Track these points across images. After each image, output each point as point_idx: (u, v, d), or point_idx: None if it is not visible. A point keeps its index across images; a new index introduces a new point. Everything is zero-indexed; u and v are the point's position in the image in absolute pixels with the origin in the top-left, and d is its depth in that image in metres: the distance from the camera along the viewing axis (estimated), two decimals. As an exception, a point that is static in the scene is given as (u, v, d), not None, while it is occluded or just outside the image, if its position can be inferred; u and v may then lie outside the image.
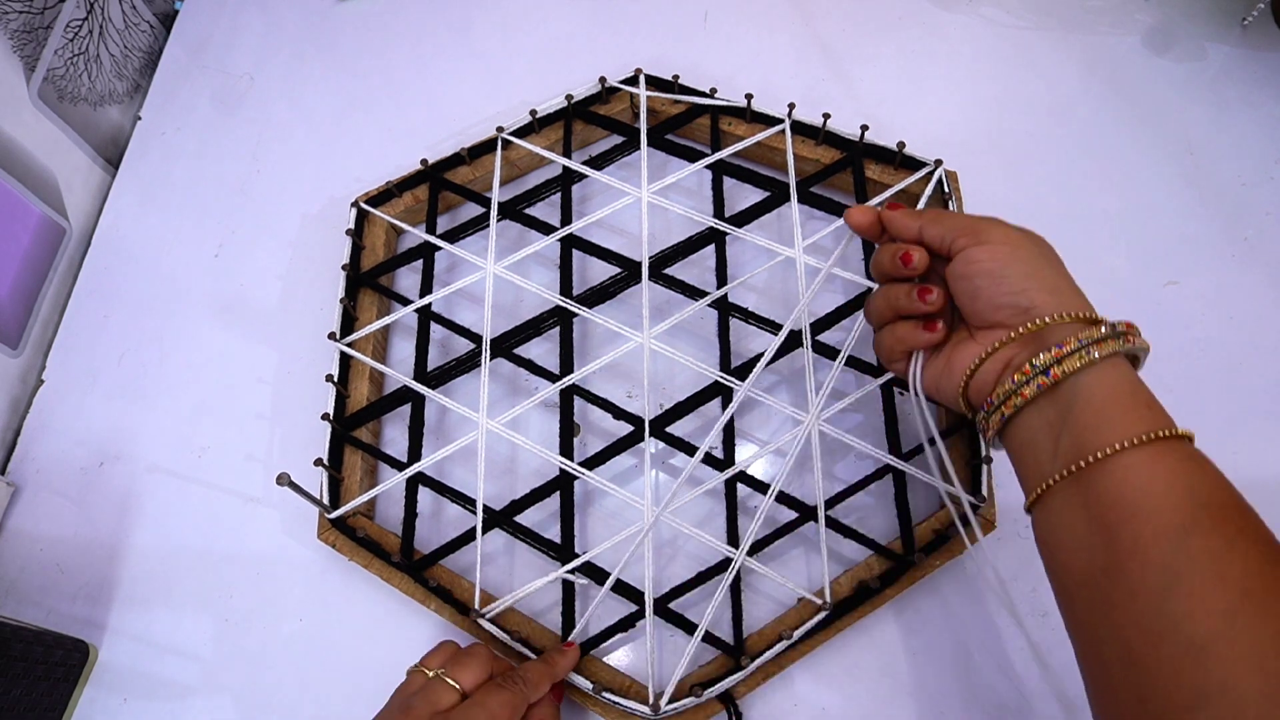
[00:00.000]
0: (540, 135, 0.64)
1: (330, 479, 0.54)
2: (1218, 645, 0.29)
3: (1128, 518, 0.33)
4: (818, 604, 0.47)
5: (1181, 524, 0.32)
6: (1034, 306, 0.38)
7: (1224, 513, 0.32)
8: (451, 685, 0.42)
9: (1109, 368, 0.36)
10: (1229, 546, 0.31)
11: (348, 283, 0.60)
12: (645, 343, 0.55)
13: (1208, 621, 0.30)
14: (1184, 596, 0.31)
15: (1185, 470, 0.33)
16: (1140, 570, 0.32)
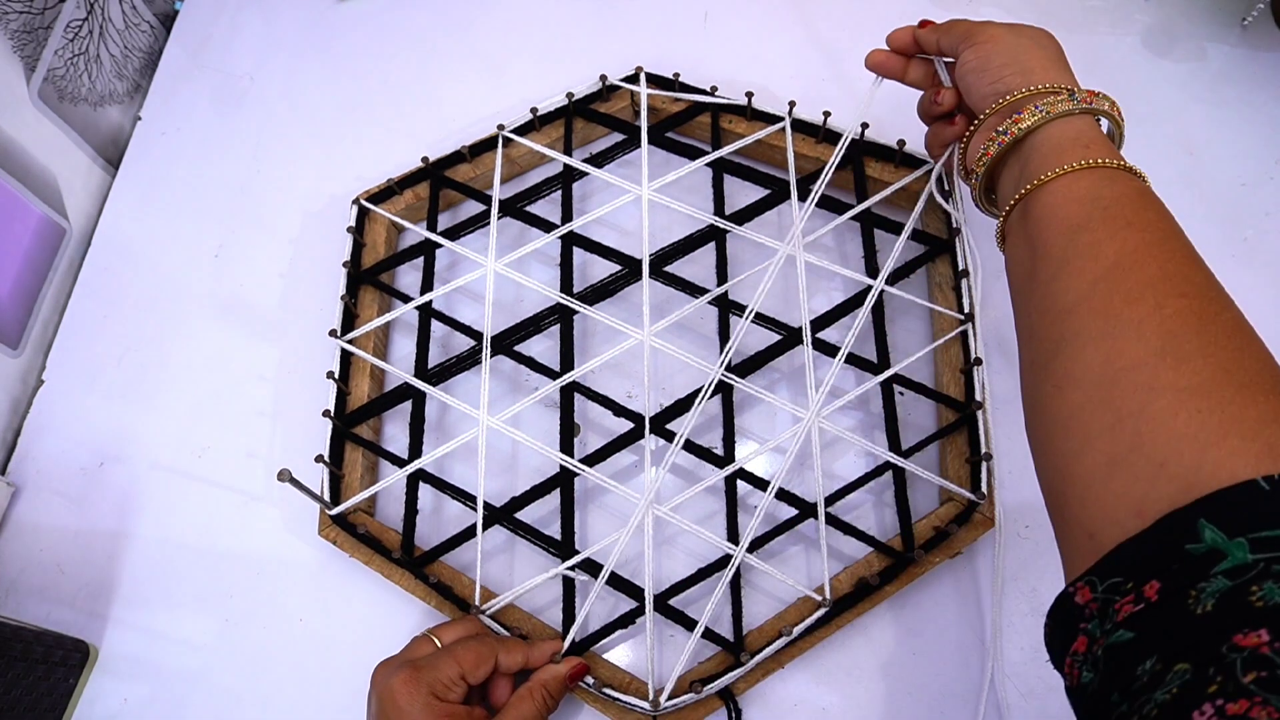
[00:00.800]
0: (541, 133, 0.64)
1: (331, 476, 0.54)
2: (1079, 306, 0.35)
3: (1043, 227, 0.39)
4: (817, 600, 0.48)
5: (1076, 223, 0.37)
6: (1009, 89, 0.44)
7: (1116, 209, 0.37)
8: (431, 639, 0.45)
9: (1067, 124, 0.42)
10: (1110, 236, 0.36)
11: (349, 280, 0.60)
12: (645, 340, 0.55)
13: (1077, 289, 0.35)
14: (1065, 276, 0.36)
15: (1100, 183, 0.39)
16: (1043, 264, 0.38)
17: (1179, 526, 0.28)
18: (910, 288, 0.57)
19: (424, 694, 0.42)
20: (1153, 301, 0.33)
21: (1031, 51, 0.46)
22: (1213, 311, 0.33)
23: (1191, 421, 0.29)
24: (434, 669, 0.42)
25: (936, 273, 0.58)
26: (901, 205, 0.59)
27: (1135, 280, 0.34)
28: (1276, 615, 0.24)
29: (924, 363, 0.56)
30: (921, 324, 0.58)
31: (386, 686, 0.42)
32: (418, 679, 0.42)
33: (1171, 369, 0.31)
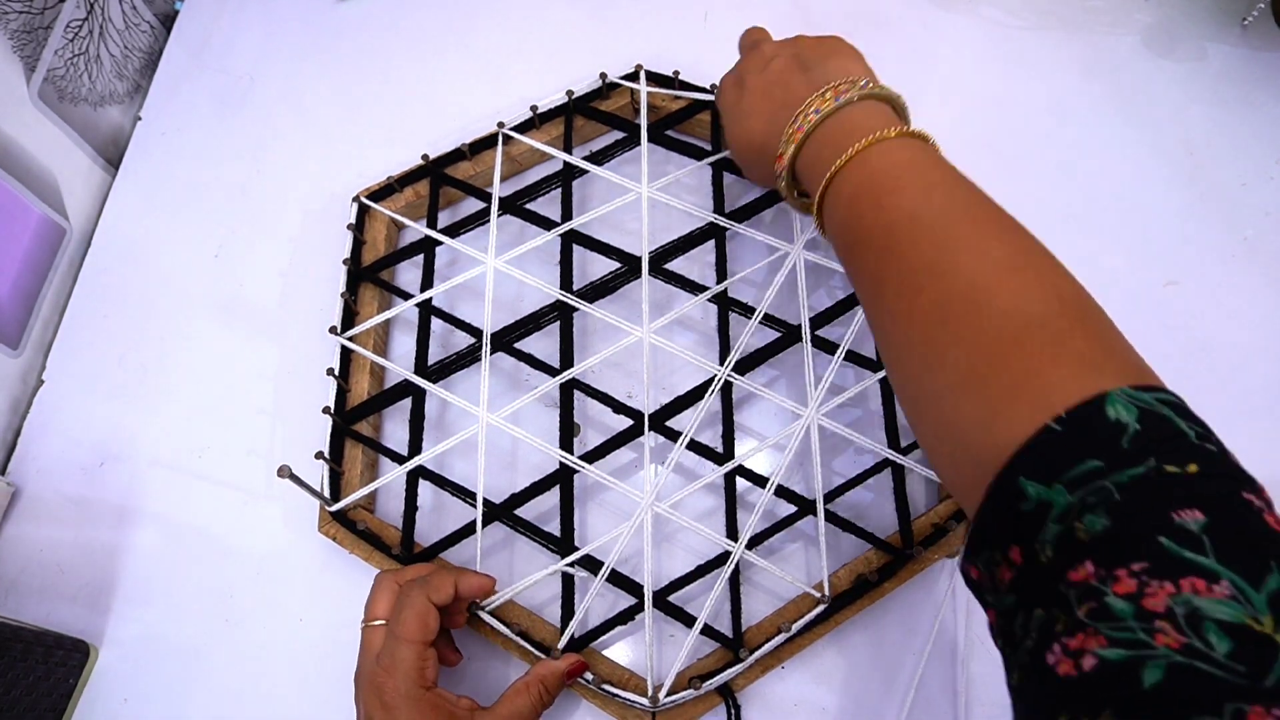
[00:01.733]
0: (541, 131, 0.64)
1: (331, 472, 0.54)
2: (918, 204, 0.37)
3: (869, 192, 0.39)
4: (816, 597, 0.48)
5: (889, 185, 0.39)
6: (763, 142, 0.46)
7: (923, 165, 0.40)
8: (375, 625, 0.46)
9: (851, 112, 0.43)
10: (924, 186, 0.38)
11: (349, 277, 0.60)
12: (645, 337, 0.55)
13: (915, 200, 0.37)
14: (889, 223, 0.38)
15: (899, 148, 0.40)
16: (872, 223, 0.38)
17: (1008, 490, 0.29)
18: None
19: (406, 688, 0.42)
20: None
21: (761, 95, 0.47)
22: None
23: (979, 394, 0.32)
24: (398, 659, 0.43)
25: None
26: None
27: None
28: (1098, 545, 0.26)
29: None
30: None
31: (374, 689, 0.43)
32: (394, 677, 0.42)
33: None
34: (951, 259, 0.35)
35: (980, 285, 0.34)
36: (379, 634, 0.45)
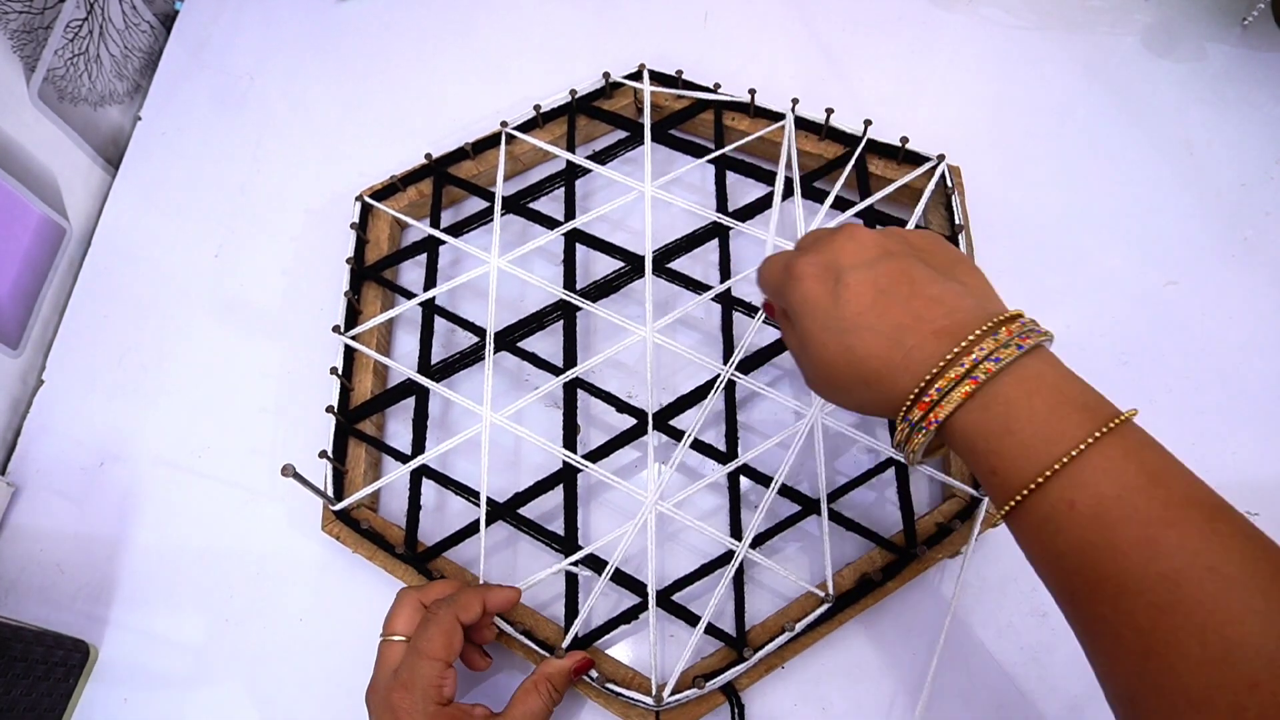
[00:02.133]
0: (544, 130, 0.64)
1: (334, 471, 0.54)
2: (1242, 642, 0.28)
3: (1106, 524, 0.31)
4: (820, 596, 0.48)
5: (1160, 520, 0.30)
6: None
7: (1193, 500, 0.31)
8: (394, 640, 0.45)
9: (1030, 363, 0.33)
10: (1214, 534, 0.30)
11: (352, 276, 0.60)
12: (649, 336, 0.55)
13: (1225, 621, 0.28)
14: (1188, 599, 0.29)
15: (1140, 459, 0.32)
16: (1139, 572, 0.30)
17: None
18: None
19: (423, 705, 0.42)
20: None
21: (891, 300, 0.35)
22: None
23: None
24: (418, 675, 0.42)
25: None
26: (904, 202, 0.60)
27: None
28: None
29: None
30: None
31: (389, 707, 0.42)
32: (411, 694, 0.42)
33: None
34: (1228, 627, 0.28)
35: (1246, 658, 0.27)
36: (397, 650, 0.44)
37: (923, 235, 0.39)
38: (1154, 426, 0.56)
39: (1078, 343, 0.57)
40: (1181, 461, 0.32)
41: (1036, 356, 0.33)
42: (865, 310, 0.35)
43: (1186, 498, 0.31)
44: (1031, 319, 0.34)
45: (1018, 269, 0.59)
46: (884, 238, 0.37)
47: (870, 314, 0.35)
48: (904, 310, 0.35)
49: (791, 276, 0.38)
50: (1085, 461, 0.31)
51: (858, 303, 0.35)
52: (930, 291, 0.35)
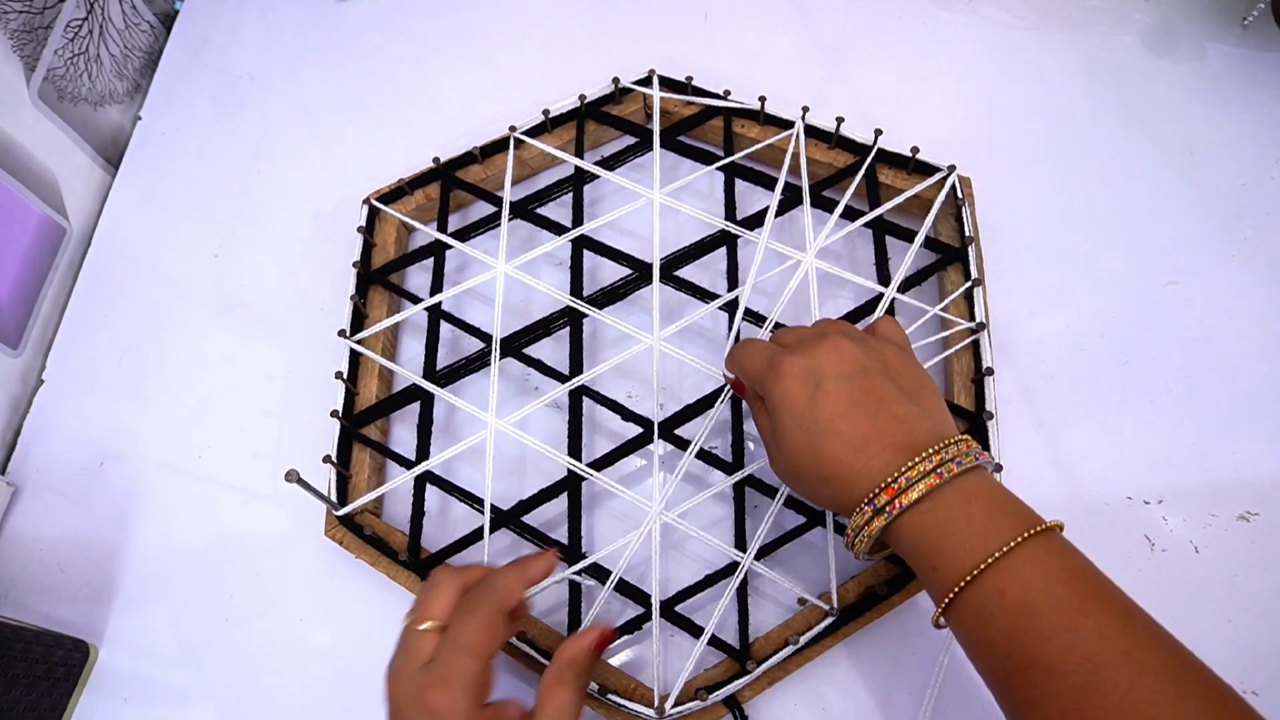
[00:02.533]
0: (552, 135, 0.64)
1: (338, 476, 0.54)
2: None
3: (1032, 611, 0.34)
4: (824, 609, 0.47)
5: (1080, 609, 0.34)
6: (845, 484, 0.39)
7: (1108, 595, 0.35)
8: (424, 629, 0.41)
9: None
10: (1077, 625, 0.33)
11: (358, 280, 0.60)
12: (655, 345, 0.55)
13: (1139, 701, 0.31)
14: (1106, 682, 0.32)
15: (1063, 559, 0.36)
16: (1063, 655, 0.33)
17: None
18: (922, 296, 0.57)
19: (465, 706, 0.38)
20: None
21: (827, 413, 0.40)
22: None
23: None
24: (459, 672, 0.38)
25: (948, 281, 0.57)
26: (914, 212, 0.59)
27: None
28: None
29: (935, 372, 0.56)
30: (933, 333, 0.58)
31: (424, 708, 0.38)
32: (450, 692, 0.38)
33: None
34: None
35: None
36: (430, 639, 0.40)
37: (897, 355, 0.43)
38: (1154, 426, 0.56)
39: (1078, 343, 0.57)
40: (1101, 571, 0.36)
41: (977, 474, 0.38)
42: (837, 418, 0.39)
43: (1103, 593, 0.35)
44: (976, 445, 0.39)
45: (1018, 269, 0.59)
46: (864, 354, 0.41)
47: (841, 422, 0.39)
48: (871, 424, 0.39)
49: (776, 373, 0.42)
50: (1015, 557, 0.35)
51: (832, 410, 0.40)
52: (895, 410, 0.40)
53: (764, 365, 0.43)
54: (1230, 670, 0.48)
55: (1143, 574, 0.50)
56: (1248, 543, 0.50)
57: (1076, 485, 0.53)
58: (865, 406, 0.39)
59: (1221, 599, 0.49)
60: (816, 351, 0.41)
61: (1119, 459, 0.53)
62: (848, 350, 0.41)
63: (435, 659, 0.39)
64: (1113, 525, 0.51)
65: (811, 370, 0.41)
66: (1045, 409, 0.55)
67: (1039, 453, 0.54)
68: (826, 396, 0.40)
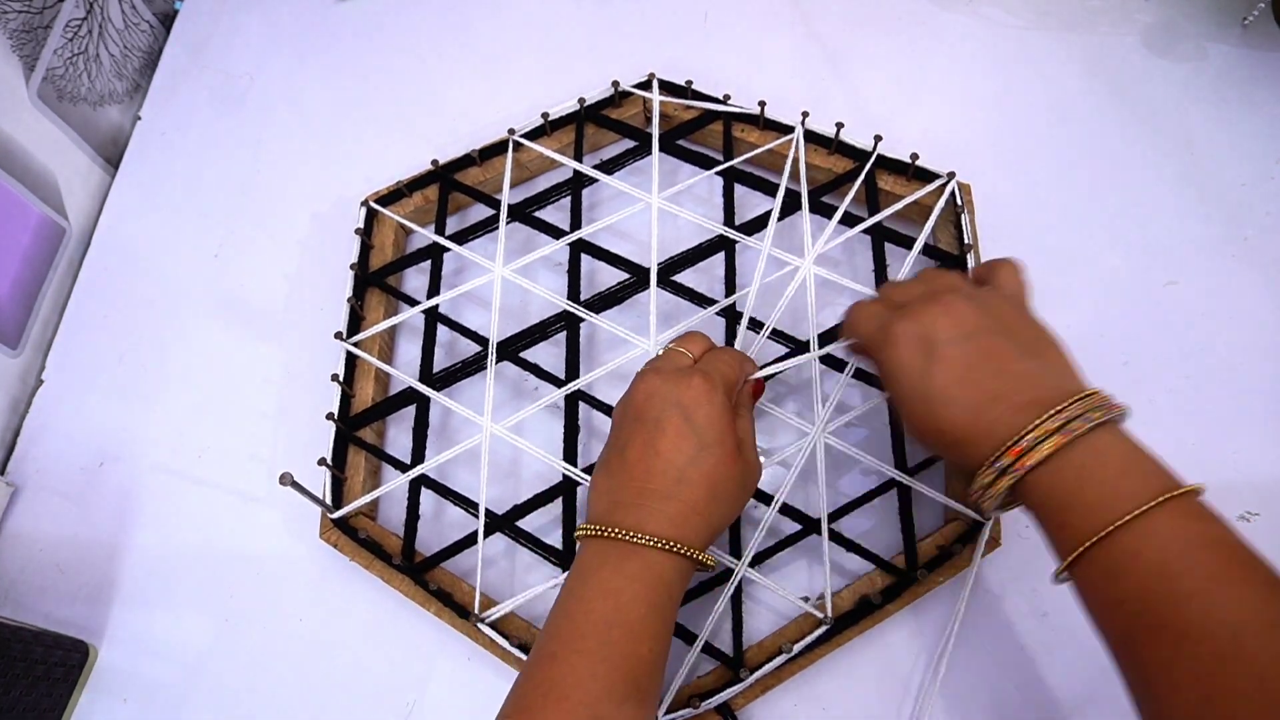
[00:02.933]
0: (551, 138, 0.64)
1: (333, 479, 0.54)
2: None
3: (1169, 574, 0.33)
4: (819, 617, 0.47)
5: (1223, 576, 0.32)
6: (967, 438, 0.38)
7: (1254, 565, 0.33)
8: (684, 352, 0.46)
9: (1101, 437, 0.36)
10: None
11: (355, 282, 0.60)
12: (652, 349, 0.55)
13: None
14: (1249, 650, 0.31)
15: (1204, 524, 0.34)
16: (1201, 620, 0.32)
17: None
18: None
19: (722, 398, 0.43)
20: None
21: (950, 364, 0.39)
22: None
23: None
24: (723, 374, 0.44)
25: (948, 289, 0.57)
26: (913, 219, 0.59)
27: None
28: None
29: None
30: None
31: (690, 392, 0.42)
32: (713, 384, 0.43)
33: None
34: None
35: None
36: (687, 360, 0.46)
37: (1013, 309, 0.41)
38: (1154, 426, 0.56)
39: (1078, 343, 0.57)
40: (1246, 538, 0.34)
41: (1109, 430, 0.36)
42: (951, 384, 0.38)
43: (1247, 562, 0.33)
44: (1107, 395, 0.37)
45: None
46: (979, 313, 0.40)
47: (956, 388, 0.38)
48: (992, 385, 0.38)
49: (888, 340, 0.41)
50: (1152, 518, 0.33)
51: (946, 377, 0.38)
52: (1016, 368, 0.38)
53: (876, 331, 0.42)
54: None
55: (1142, 575, 0.50)
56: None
57: (1076, 486, 0.53)
58: (984, 368, 0.38)
59: (1221, 600, 0.49)
60: (928, 314, 0.40)
61: (1119, 459, 0.53)
62: (962, 310, 0.40)
63: (699, 364, 0.45)
64: (1112, 526, 0.51)
65: (924, 336, 0.39)
66: (1045, 409, 0.55)
67: (1038, 453, 0.54)
68: (941, 362, 0.39)
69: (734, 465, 0.42)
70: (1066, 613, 0.50)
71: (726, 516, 0.43)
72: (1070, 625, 0.49)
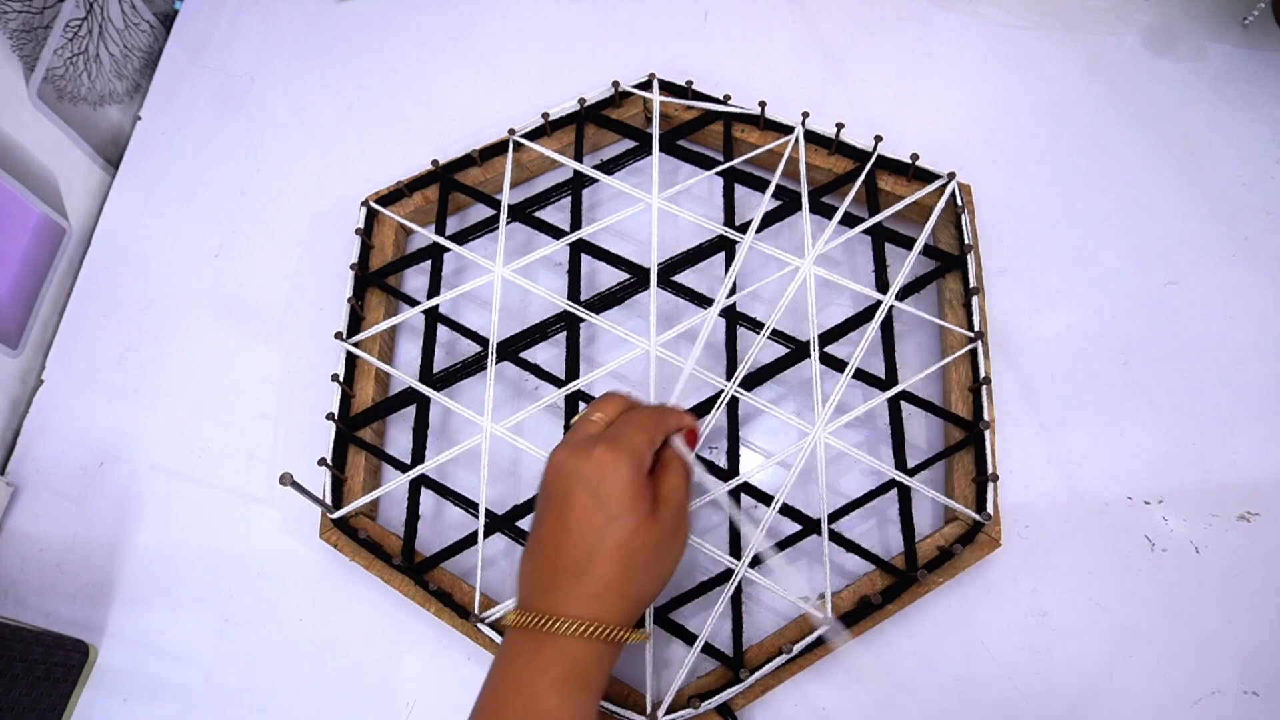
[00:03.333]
0: (552, 138, 0.64)
1: (333, 479, 0.54)
2: None
3: None
4: (819, 618, 0.47)
5: None
6: None
7: None
8: (594, 420, 0.44)
9: None
10: None
11: (355, 282, 0.60)
12: (652, 350, 0.54)
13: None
14: None
15: None
16: None
17: None
18: (920, 303, 0.57)
19: (630, 465, 0.41)
20: None
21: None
22: None
23: None
24: (629, 439, 0.42)
25: (947, 289, 0.57)
26: (913, 219, 0.59)
27: None
28: None
29: (932, 380, 0.56)
30: (931, 340, 0.58)
31: (592, 465, 0.41)
32: (619, 451, 0.41)
33: None
34: None
35: None
36: (599, 427, 0.44)
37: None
38: (1154, 426, 0.56)
39: (1078, 343, 0.57)
40: None
41: None
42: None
43: None
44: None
45: (1018, 269, 0.59)
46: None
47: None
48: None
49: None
50: None
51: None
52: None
53: None
54: (1230, 670, 0.48)
55: (1143, 574, 0.50)
56: (1248, 543, 0.50)
57: (1077, 486, 0.53)
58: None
59: (1221, 599, 0.49)
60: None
61: (1119, 459, 0.53)
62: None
63: (606, 431, 0.43)
64: (1113, 525, 0.51)
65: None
66: (1045, 409, 0.55)
67: (1039, 453, 0.54)
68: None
69: (648, 533, 0.41)
70: (1066, 612, 0.50)
71: (647, 587, 0.42)
72: (1070, 625, 0.49)
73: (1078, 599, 0.50)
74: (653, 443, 0.43)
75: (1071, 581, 0.51)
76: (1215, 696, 0.47)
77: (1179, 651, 0.48)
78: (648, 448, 0.43)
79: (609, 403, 0.45)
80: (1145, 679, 0.48)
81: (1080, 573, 0.51)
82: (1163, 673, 0.48)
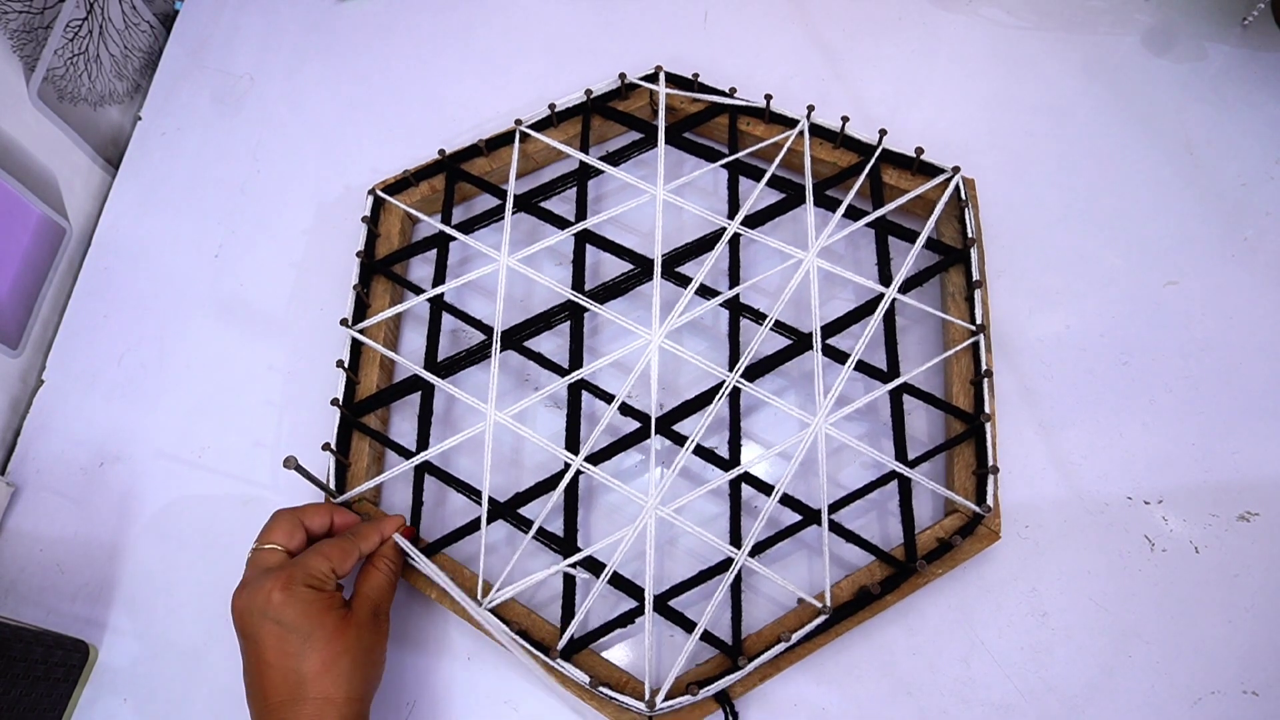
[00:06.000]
0: (558, 129, 0.64)
1: (337, 464, 0.54)
2: None
3: None
4: (817, 607, 0.47)
5: None
6: None
7: None
8: (270, 549, 0.46)
9: None
10: None
11: (362, 270, 0.60)
12: (655, 340, 0.55)
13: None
14: None
15: None
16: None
17: None
18: (923, 297, 0.57)
19: (303, 591, 0.43)
20: None
21: None
22: None
23: None
24: (305, 567, 0.44)
25: (950, 283, 0.57)
26: (916, 213, 0.59)
27: None
28: None
29: (934, 373, 0.56)
30: (933, 333, 0.58)
31: (266, 598, 0.42)
32: (292, 579, 0.43)
33: None
34: None
35: None
36: (276, 556, 0.46)
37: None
38: (1154, 426, 0.56)
39: (1078, 343, 0.57)
40: None
41: None
42: None
43: None
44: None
45: (1018, 268, 0.59)
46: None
47: None
48: None
49: None
50: None
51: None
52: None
53: None
54: (1230, 670, 0.48)
55: (1143, 574, 0.50)
56: (1248, 543, 0.50)
57: (1076, 485, 0.53)
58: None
59: (1221, 599, 0.49)
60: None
61: (1119, 459, 0.53)
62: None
63: (286, 562, 0.45)
64: (1113, 525, 0.51)
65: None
66: (1045, 409, 0.55)
67: (1039, 453, 0.54)
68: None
69: (347, 635, 0.43)
70: (1066, 613, 0.50)
71: (364, 685, 0.44)
72: (1070, 625, 0.49)
73: (1078, 598, 0.50)
74: (335, 570, 0.45)
75: (1071, 581, 0.50)
76: (1214, 696, 0.47)
77: (1178, 651, 0.48)
78: (329, 574, 0.45)
79: (277, 527, 0.47)
80: (1145, 679, 0.48)
81: (1080, 572, 0.51)
82: (1162, 673, 0.48)
